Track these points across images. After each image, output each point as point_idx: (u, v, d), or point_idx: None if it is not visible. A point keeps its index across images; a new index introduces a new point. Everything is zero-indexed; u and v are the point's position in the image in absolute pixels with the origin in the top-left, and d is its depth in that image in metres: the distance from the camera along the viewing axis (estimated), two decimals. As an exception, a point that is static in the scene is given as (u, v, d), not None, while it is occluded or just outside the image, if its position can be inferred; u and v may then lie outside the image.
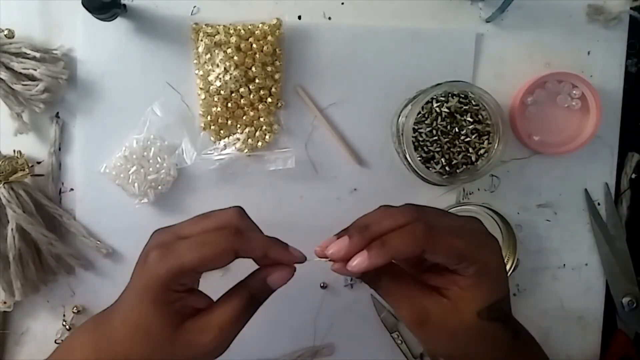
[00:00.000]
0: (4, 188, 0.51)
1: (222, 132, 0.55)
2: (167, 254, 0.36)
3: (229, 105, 0.54)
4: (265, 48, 0.53)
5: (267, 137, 0.55)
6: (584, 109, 0.56)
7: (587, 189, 0.58)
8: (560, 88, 0.56)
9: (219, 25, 0.54)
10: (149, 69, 0.55)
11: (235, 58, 0.52)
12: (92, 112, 0.55)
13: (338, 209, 0.56)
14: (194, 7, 0.55)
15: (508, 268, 0.56)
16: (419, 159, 0.51)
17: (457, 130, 0.51)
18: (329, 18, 0.56)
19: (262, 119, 0.55)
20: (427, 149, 0.51)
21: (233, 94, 0.54)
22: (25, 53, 0.51)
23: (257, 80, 0.53)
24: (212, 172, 0.55)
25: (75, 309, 0.55)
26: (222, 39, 0.53)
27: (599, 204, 0.58)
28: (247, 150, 0.55)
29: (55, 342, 0.55)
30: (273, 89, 0.55)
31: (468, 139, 0.52)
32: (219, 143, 0.55)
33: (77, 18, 0.54)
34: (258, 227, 0.40)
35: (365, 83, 0.56)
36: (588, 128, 0.55)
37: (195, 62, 0.55)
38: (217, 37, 0.53)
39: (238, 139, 0.55)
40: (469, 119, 0.51)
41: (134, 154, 0.54)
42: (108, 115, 0.55)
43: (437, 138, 0.51)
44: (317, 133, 0.56)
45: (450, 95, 0.51)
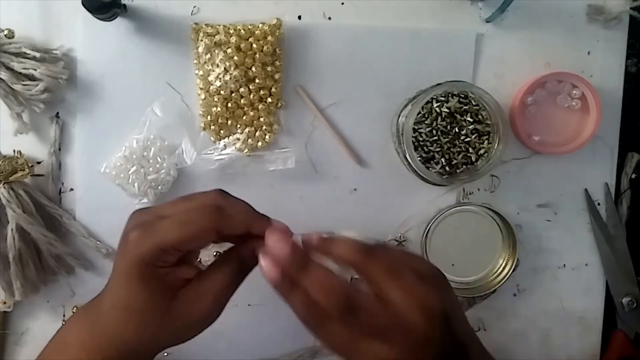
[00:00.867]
0: (4, 188, 0.51)
1: (222, 132, 0.55)
2: (148, 233, 0.36)
3: (229, 105, 0.54)
4: (265, 48, 0.53)
5: (267, 137, 0.55)
6: (584, 109, 0.56)
7: (587, 189, 0.58)
8: (560, 88, 0.56)
9: (219, 25, 0.54)
10: (149, 69, 0.55)
11: (235, 58, 0.52)
12: (92, 112, 0.55)
13: (338, 209, 0.56)
14: (194, 7, 0.55)
15: (508, 268, 0.56)
16: (419, 159, 0.51)
17: (457, 130, 0.51)
18: (329, 18, 0.56)
19: (262, 119, 0.55)
20: (427, 149, 0.51)
21: (233, 94, 0.54)
22: (25, 53, 0.51)
23: (257, 80, 0.53)
24: (212, 172, 0.55)
25: (75, 309, 0.55)
26: (222, 39, 0.53)
27: (599, 204, 0.58)
28: (247, 150, 0.55)
29: (55, 342, 0.55)
30: (273, 89, 0.54)
31: (468, 139, 0.51)
32: (219, 143, 0.55)
33: (77, 18, 0.54)
34: (245, 203, 0.39)
35: (365, 83, 0.56)
36: (588, 128, 0.55)
37: (195, 62, 0.54)
38: (217, 37, 0.53)
39: (238, 139, 0.55)
40: (469, 119, 0.51)
41: (134, 154, 0.54)
42: (108, 115, 0.55)
43: (437, 138, 0.51)
44: (317, 133, 0.56)
45: (450, 95, 0.51)
